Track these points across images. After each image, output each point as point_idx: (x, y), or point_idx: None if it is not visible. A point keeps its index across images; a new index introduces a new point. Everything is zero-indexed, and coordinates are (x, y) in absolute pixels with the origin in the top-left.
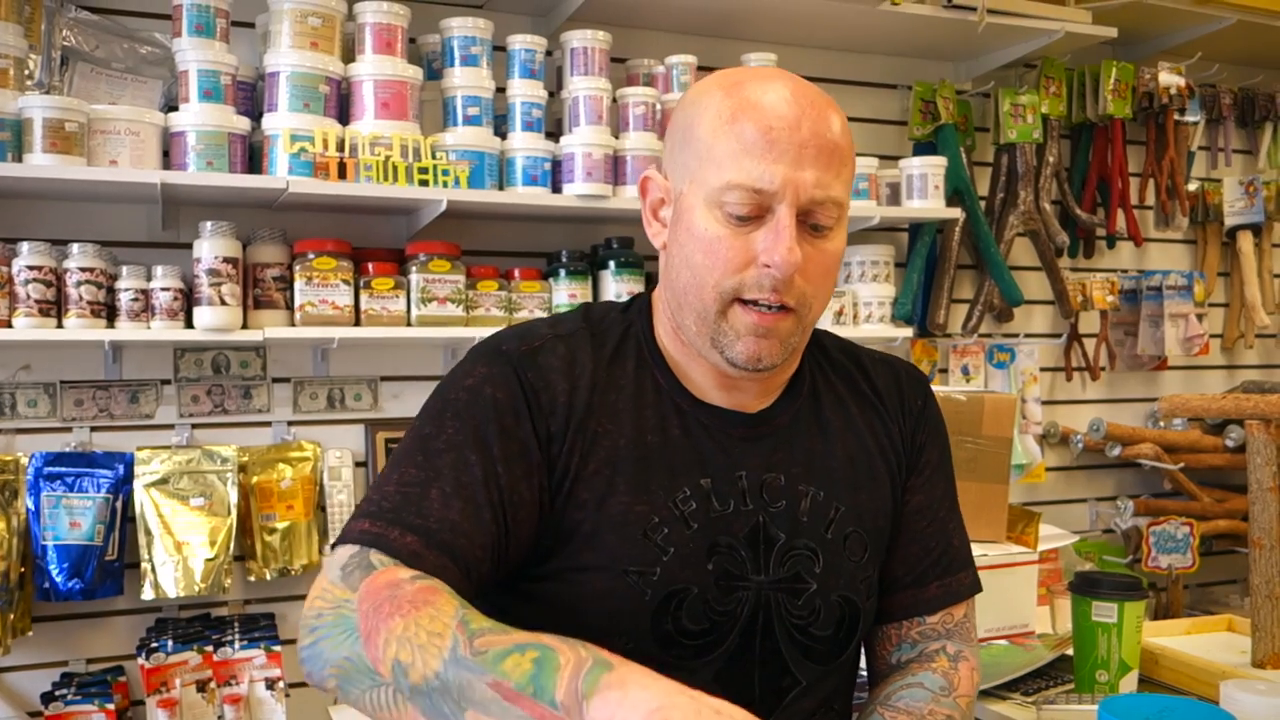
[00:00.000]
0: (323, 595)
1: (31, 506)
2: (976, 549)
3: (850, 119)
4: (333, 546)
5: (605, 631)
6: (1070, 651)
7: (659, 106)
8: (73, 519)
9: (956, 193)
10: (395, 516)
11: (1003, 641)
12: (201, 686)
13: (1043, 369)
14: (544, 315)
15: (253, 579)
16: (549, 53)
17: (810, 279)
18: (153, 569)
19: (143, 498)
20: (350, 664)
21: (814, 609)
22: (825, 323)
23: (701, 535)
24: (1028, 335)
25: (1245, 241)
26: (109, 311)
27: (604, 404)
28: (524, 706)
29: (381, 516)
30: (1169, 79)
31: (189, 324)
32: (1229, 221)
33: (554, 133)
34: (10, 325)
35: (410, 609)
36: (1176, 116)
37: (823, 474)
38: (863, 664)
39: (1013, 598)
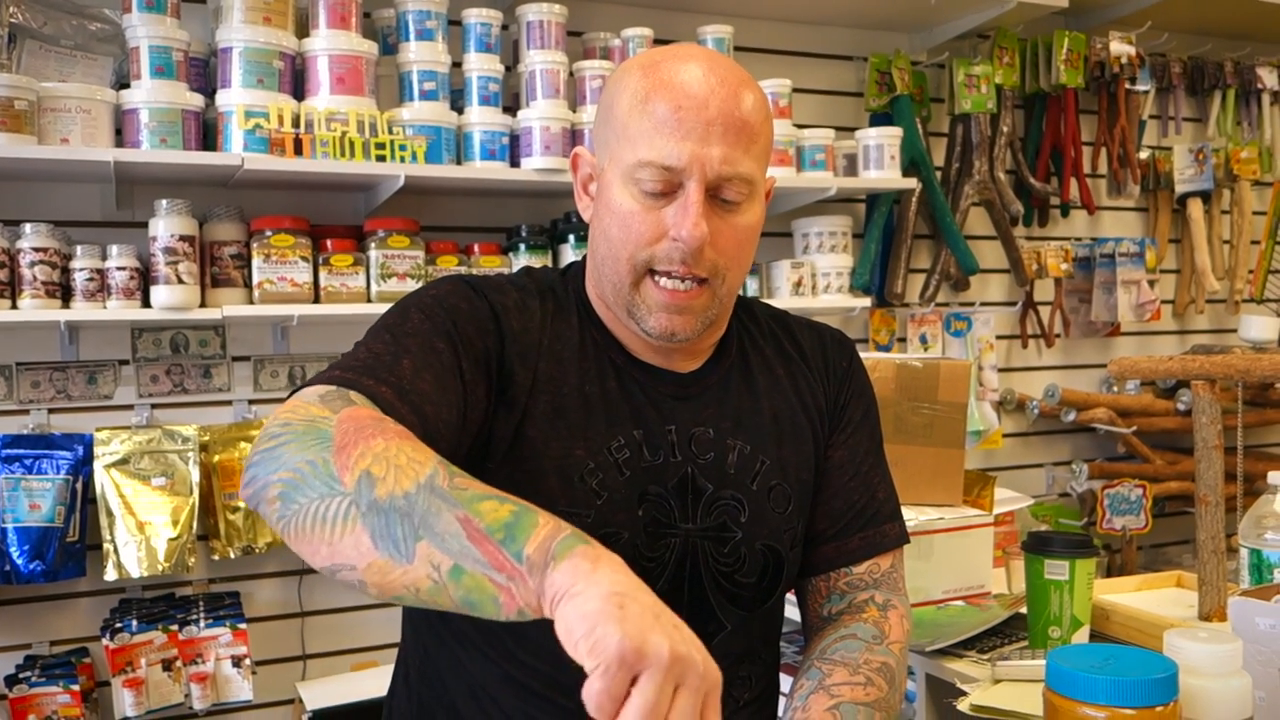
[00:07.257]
0: (295, 410)
1: None
2: (934, 512)
3: (806, 90)
4: (290, 394)
5: None
6: (1025, 610)
7: None
8: (32, 501)
9: (912, 163)
10: (368, 372)
11: (959, 602)
12: (167, 665)
13: (999, 336)
14: None
15: (217, 558)
16: (505, 26)
17: (722, 251)
18: (115, 550)
19: (103, 478)
20: (311, 468)
21: (739, 556)
22: (784, 293)
23: (633, 483)
24: (984, 303)
25: (1195, 208)
26: (64, 292)
27: (553, 351)
28: (485, 550)
29: (352, 371)
30: (1120, 48)
31: (146, 303)
32: (1179, 189)
33: (511, 107)
34: None
35: (396, 436)
36: (1128, 85)
37: (750, 429)
38: (797, 620)
39: (969, 559)
